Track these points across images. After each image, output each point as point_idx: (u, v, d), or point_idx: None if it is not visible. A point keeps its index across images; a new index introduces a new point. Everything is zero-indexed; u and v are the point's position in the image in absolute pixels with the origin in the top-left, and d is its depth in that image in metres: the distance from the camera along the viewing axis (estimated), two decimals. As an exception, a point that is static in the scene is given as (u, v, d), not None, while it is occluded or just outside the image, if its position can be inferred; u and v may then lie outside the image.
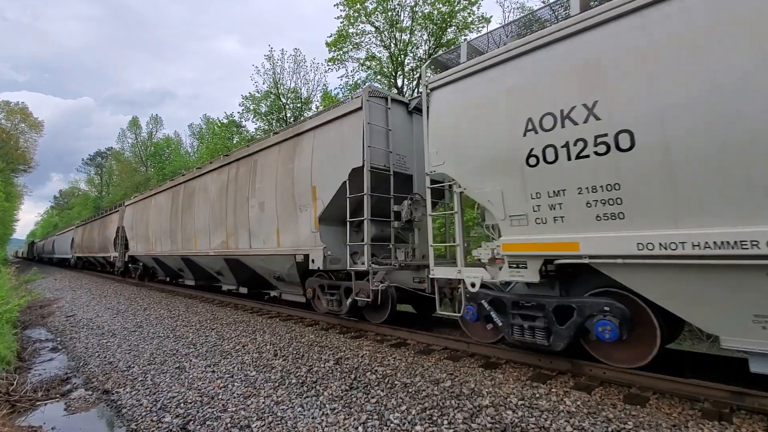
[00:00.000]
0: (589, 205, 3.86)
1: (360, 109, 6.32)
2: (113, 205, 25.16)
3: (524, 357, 4.84)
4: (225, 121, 27.23)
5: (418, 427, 3.34)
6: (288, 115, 24.32)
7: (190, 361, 5.54)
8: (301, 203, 7.28)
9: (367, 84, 6.63)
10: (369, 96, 6.42)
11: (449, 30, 18.50)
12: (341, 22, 19.41)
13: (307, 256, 6.98)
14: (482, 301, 4.82)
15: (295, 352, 5.66)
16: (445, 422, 3.40)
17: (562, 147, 3.96)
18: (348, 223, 6.48)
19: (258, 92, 24.68)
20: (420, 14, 18.38)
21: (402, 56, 19.23)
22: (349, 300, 6.64)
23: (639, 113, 3.54)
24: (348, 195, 6.40)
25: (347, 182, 6.40)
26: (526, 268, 4.37)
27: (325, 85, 25.32)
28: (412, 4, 18.49)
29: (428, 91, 5.37)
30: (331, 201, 6.69)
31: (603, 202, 3.78)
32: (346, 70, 22.82)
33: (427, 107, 5.36)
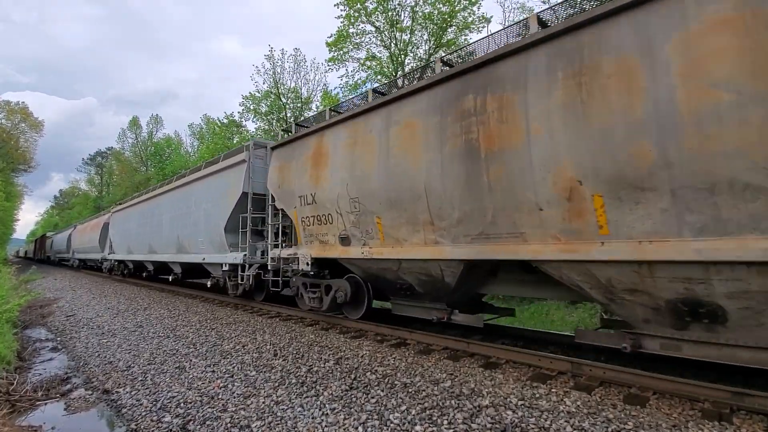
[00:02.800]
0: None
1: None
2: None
3: (524, 357, 4.84)
4: (225, 121, 27.25)
5: (417, 427, 3.34)
6: (288, 114, 24.33)
7: (190, 360, 5.54)
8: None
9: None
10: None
11: (449, 30, 18.52)
12: (341, 22, 19.44)
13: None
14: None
15: (295, 352, 5.66)
16: (445, 422, 3.40)
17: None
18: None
19: (258, 92, 24.71)
20: (420, 14, 18.40)
21: (402, 56, 19.24)
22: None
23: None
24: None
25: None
26: None
27: (325, 85, 25.31)
28: (413, 4, 18.51)
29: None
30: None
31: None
32: (347, 70, 22.84)
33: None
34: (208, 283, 11.02)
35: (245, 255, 8.93)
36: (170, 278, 14.01)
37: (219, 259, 9.93)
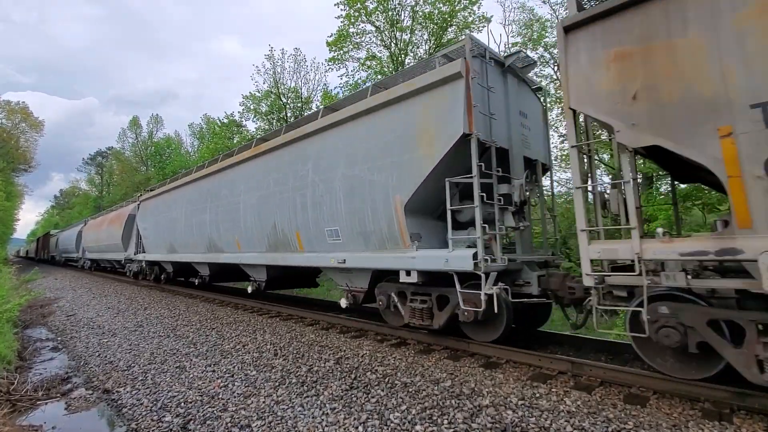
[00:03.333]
0: None
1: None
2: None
3: (524, 357, 4.84)
4: (225, 120, 27.25)
5: (418, 427, 3.34)
6: (288, 114, 24.33)
7: (191, 360, 5.54)
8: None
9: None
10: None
11: (450, 30, 18.51)
12: (342, 22, 19.43)
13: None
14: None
15: (295, 352, 5.66)
16: (446, 422, 3.40)
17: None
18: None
19: (258, 92, 24.71)
20: (421, 14, 18.39)
21: (402, 56, 19.23)
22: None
23: None
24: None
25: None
26: None
27: (325, 84, 25.29)
28: (413, 3, 18.50)
29: None
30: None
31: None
32: (347, 69, 22.83)
33: None
34: (343, 303, 6.78)
35: (475, 253, 4.79)
36: (249, 290, 9.49)
37: (390, 262, 5.79)
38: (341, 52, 20.17)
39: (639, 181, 4.07)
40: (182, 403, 4.12)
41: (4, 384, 4.98)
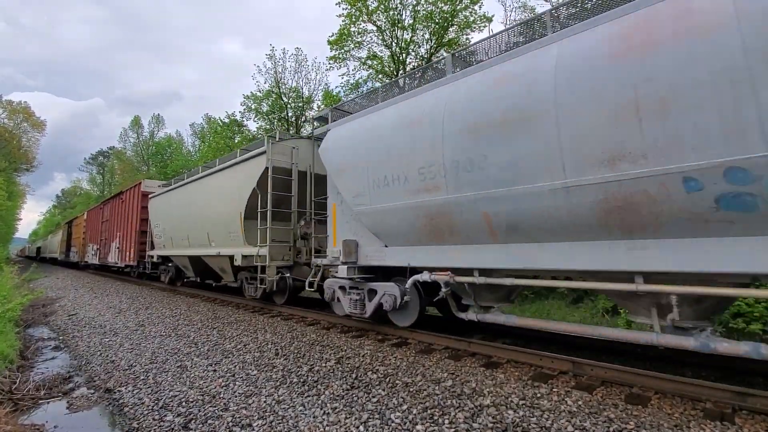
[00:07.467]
0: None
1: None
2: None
3: (526, 356, 4.84)
4: (227, 120, 27.24)
5: (419, 427, 3.34)
6: (290, 114, 24.32)
7: (192, 359, 5.55)
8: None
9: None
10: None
11: (451, 29, 18.50)
12: (343, 21, 19.42)
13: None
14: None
15: (296, 351, 5.67)
16: (447, 422, 3.40)
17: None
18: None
19: (260, 91, 24.70)
20: (422, 13, 18.37)
21: (404, 55, 19.22)
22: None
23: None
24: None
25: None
26: None
27: (326, 84, 25.26)
28: (414, 3, 18.47)
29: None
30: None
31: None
32: (348, 68, 22.79)
33: None
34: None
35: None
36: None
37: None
38: (342, 50, 20.16)
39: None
40: (183, 402, 4.13)
41: (6, 383, 4.99)
